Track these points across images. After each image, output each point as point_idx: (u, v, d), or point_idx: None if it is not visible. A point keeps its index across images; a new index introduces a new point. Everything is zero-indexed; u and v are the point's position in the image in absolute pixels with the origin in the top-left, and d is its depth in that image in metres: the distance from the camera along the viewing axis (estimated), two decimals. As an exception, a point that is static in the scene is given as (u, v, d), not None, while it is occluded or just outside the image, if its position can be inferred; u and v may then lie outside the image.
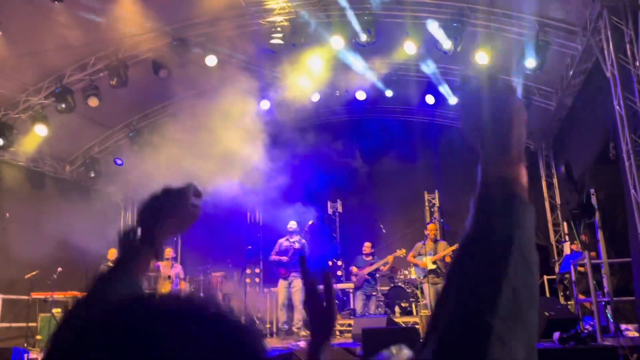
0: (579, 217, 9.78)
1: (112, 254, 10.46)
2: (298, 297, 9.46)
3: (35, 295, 10.04)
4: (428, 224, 10.40)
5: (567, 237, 11.32)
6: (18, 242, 10.14)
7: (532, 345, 0.66)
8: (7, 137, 10.41)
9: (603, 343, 6.41)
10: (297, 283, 9.50)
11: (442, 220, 12.49)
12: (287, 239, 10.04)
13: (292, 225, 10.02)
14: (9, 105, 10.66)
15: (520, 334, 0.65)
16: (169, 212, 1.18)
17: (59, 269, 9.87)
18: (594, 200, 9.15)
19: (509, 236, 0.69)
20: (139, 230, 1.13)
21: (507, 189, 0.76)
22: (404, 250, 10.40)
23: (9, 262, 10.62)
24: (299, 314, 9.56)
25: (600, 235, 8.65)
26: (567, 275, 9.61)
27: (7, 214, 10.52)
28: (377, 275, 10.59)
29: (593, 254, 7.77)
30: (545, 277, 11.51)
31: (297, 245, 9.76)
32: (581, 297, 8.27)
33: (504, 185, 0.76)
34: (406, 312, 10.66)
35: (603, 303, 7.54)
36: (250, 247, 12.52)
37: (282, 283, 9.84)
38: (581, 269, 8.80)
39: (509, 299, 0.65)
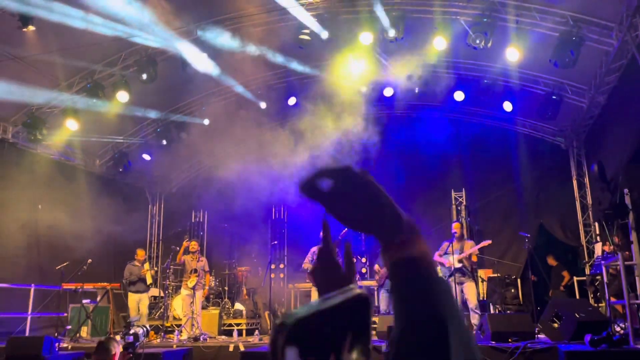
0: (612, 218, 9.53)
1: (141, 255, 10.61)
2: None
3: (66, 286, 10.25)
4: (454, 222, 10.27)
5: (598, 238, 11.06)
6: (49, 234, 10.38)
7: None
8: (40, 131, 10.65)
9: (636, 346, 6.25)
10: None
11: (469, 219, 12.34)
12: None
13: None
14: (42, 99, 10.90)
15: None
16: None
17: (89, 261, 10.06)
18: (627, 200, 8.91)
19: (442, 323, 0.69)
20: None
21: (420, 272, 0.76)
22: None
23: (41, 253, 10.88)
24: None
25: (633, 236, 8.41)
26: (598, 277, 9.39)
27: (40, 206, 10.76)
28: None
29: (627, 253, 7.57)
30: (575, 278, 11.28)
31: None
32: (613, 299, 8.06)
33: (416, 268, 0.76)
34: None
35: (636, 306, 7.33)
36: (275, 242, 12.58)
37: (315, 291, 9.85)
38: (613, 270, 8.59)
39: None
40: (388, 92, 11.70)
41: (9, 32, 8.76)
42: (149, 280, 10.38)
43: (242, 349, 7.81)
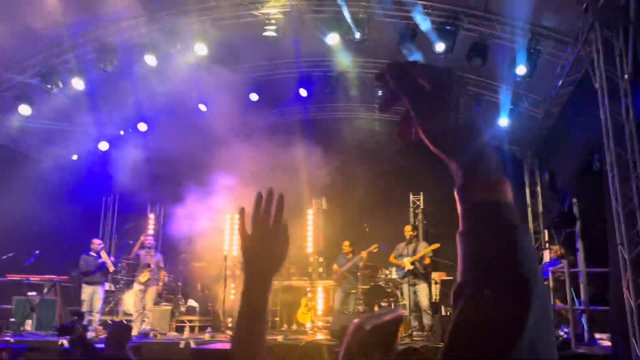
0: (560, 226, 9.89)
1: (96, 244, 10.12)
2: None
3: (11, 277, 9.87)
4: (407, 225, 10.45)
5: (547, 245, 11.44)
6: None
7: None
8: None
9: (577, 351, 6.50)
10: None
11: (425, 222, 12.55)
12: None
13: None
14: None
15: None
16: None
17: (36, 252, 9.70)
18: (575, 209, 9.27)
19: (526, 282, 0.59)
20: None
21: (507, 220, 0.63)
22: (376, 245, 10.32)
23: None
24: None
25: (579, 244, 8.77)
26: (545, 283, 9.71)
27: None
28: (359, 273, 10.57)
29: (572, 258, 7.86)
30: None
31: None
32: (559, 303, 8.36)
33: (503, 215, 0.63)
34: (385, 311, 10.68)
35: (579, 311, 7.63)
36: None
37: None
38: (560, 276, 8.90)
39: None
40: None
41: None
42: (111, 268, 9.96)
43: (192, 345, 7.70)
